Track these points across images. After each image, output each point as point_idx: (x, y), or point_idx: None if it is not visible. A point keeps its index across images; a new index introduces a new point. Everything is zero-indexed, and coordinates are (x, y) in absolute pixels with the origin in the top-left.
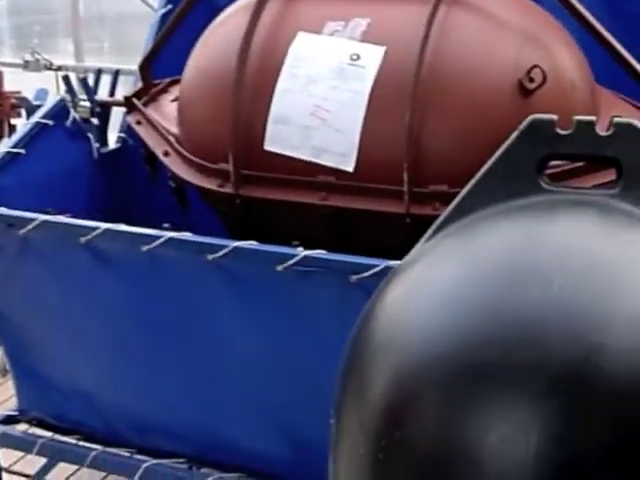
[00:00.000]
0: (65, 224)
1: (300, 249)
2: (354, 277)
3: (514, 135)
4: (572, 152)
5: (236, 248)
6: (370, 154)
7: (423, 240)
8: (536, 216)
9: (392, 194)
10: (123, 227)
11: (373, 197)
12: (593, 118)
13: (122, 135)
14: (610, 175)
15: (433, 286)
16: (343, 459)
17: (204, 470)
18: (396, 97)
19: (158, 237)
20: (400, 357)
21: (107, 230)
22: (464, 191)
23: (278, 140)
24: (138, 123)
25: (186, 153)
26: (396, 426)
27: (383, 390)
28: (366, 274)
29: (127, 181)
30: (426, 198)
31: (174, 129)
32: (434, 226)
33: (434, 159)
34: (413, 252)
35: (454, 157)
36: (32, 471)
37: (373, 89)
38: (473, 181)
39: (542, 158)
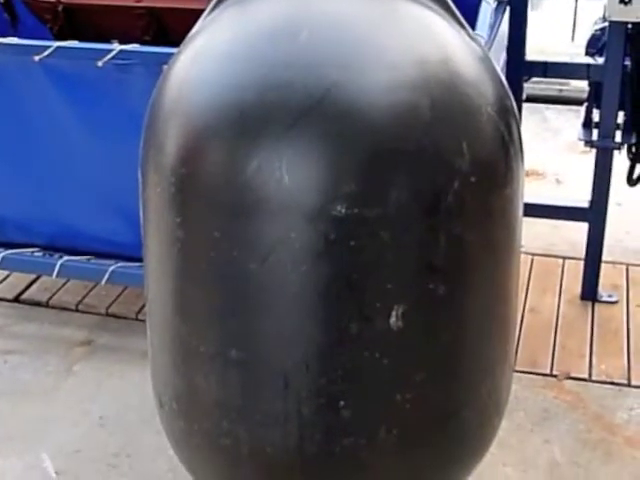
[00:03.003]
0: None
1: (116, 44)
2: (165, 67)
3: None
4: None
5: (59, 47)
6: None
7: (204, 15)
8: None
9: None
10: None
11: None
12: None
13: None
14: None
15: (210, 49)
16: (147, 202)
17: (57, 255)
18: None
19: None
20: (182, 109)
21: None
22: None
23: None
24: None
25: None
26: (181, 164)
27: (170, 137)
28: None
29: None
30: None
31: None
32: (212, 3)
33: None
34: (196, 26)
35: None
36: None
37: None
38: None
39: None
